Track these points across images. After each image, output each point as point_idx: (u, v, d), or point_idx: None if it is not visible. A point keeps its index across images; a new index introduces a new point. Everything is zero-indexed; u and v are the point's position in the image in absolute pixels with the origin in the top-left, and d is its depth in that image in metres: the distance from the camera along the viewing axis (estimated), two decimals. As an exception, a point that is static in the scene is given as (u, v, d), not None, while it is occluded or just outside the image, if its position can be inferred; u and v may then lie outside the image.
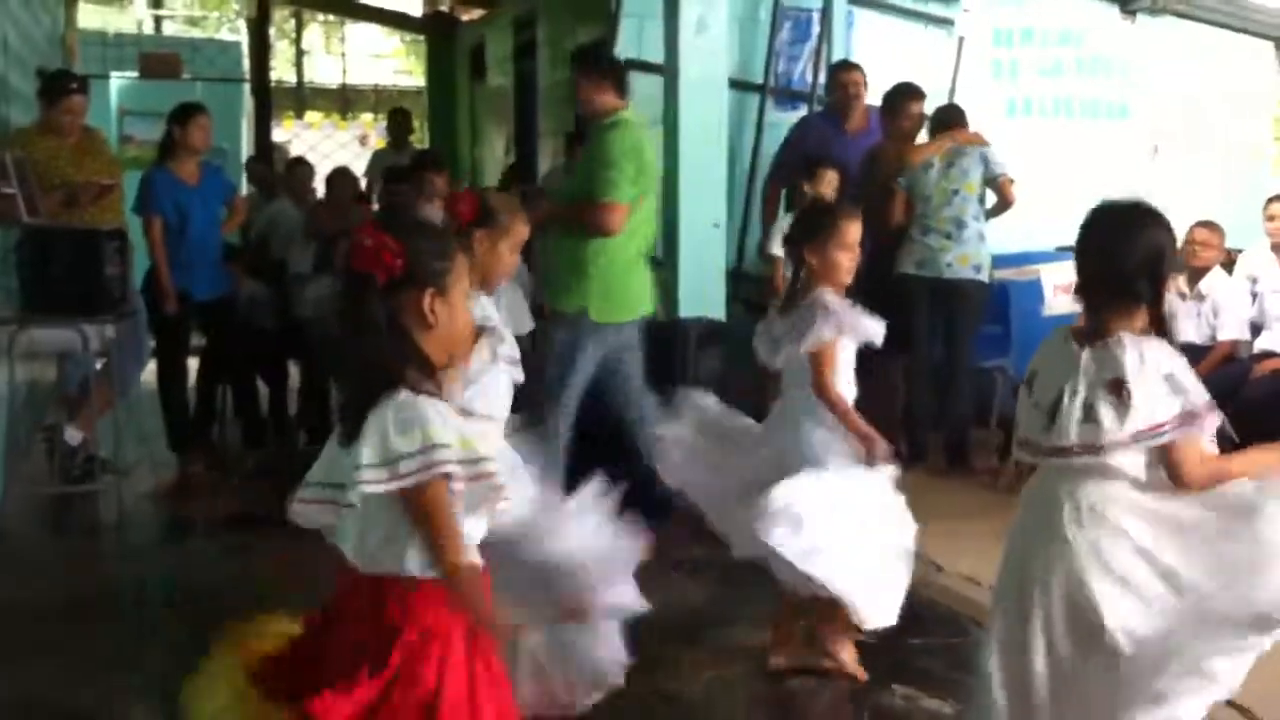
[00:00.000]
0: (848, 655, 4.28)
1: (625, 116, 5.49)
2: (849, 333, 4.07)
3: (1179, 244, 2.91)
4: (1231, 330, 6.39)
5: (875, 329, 4.10)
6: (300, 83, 18.33)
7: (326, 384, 6.94)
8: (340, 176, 8.51)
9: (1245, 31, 9.26)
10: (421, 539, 2.35)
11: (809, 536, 3.84)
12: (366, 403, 2.33)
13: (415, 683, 2.32)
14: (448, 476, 2.30)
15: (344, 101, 19.12)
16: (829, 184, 6.50)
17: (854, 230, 4.18)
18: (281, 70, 18.07)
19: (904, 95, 7.08)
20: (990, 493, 6.37)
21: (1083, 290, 2.88)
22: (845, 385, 4.11)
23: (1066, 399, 2.74)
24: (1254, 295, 6.68)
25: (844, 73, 7.40)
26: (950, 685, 4.21)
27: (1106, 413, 2.69)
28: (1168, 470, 2.73)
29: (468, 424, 2.44)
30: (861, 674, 4.27)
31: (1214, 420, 2.72)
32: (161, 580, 5.52)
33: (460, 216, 3.54)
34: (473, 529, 2.44)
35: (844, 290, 4.18)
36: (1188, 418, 2.69)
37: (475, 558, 2.44)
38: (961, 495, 6.26)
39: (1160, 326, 2.77)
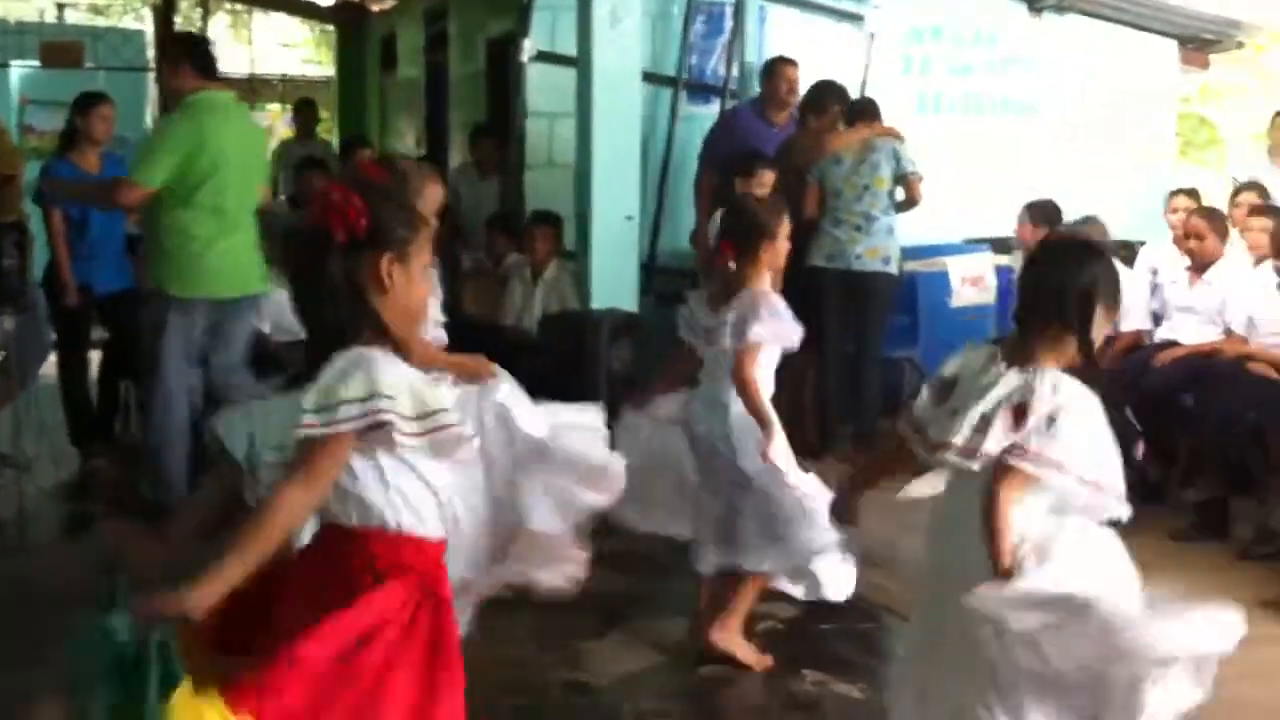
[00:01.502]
0: (740, 649, 4.30)
1: (200, 98, 5.57)
2: (780, 339, 4.14)
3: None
4: (1134, 321, 6.52)
5: (796, 332, 4.17)
6: (207, 72, 18.02)
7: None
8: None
9: (1148, 30, 9.45)
10: (285, 472, 2.28)
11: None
12: (320, 356, 2.30)
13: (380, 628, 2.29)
14: (384, 425, 2.26)
15: (251, 91, 18.83)
16: (765, 184, 6.49)
17: (787, 227, 4.28)
18: (188, 60, 17.75)
19: (828, 93, 7.16)
20: (898, 480, 6.44)
21: (1018, 316, 2.93)
22: (769, 382, 4.18)
23: (973, 407, 2.78)
24: (1155, 287, 6.81)
25: (785, 67, 7.44)
26: (861, 670, 4.27)
27: (997, 429, 2.73)
28: (986, 484, 2.76)
29: (419, 375, 2.40)
30: (762, 662, 4.30)
31: (1093, 495, 2.74)
32: (62, 576, 5.39)
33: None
34: (437, 476, 2.40)
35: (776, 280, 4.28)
36: (1041, 458, 2.71)
37: (435, 500, 2.39)
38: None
39: (1089, 358, 2.81)
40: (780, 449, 4.08)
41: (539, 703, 4.00)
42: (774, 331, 4.10)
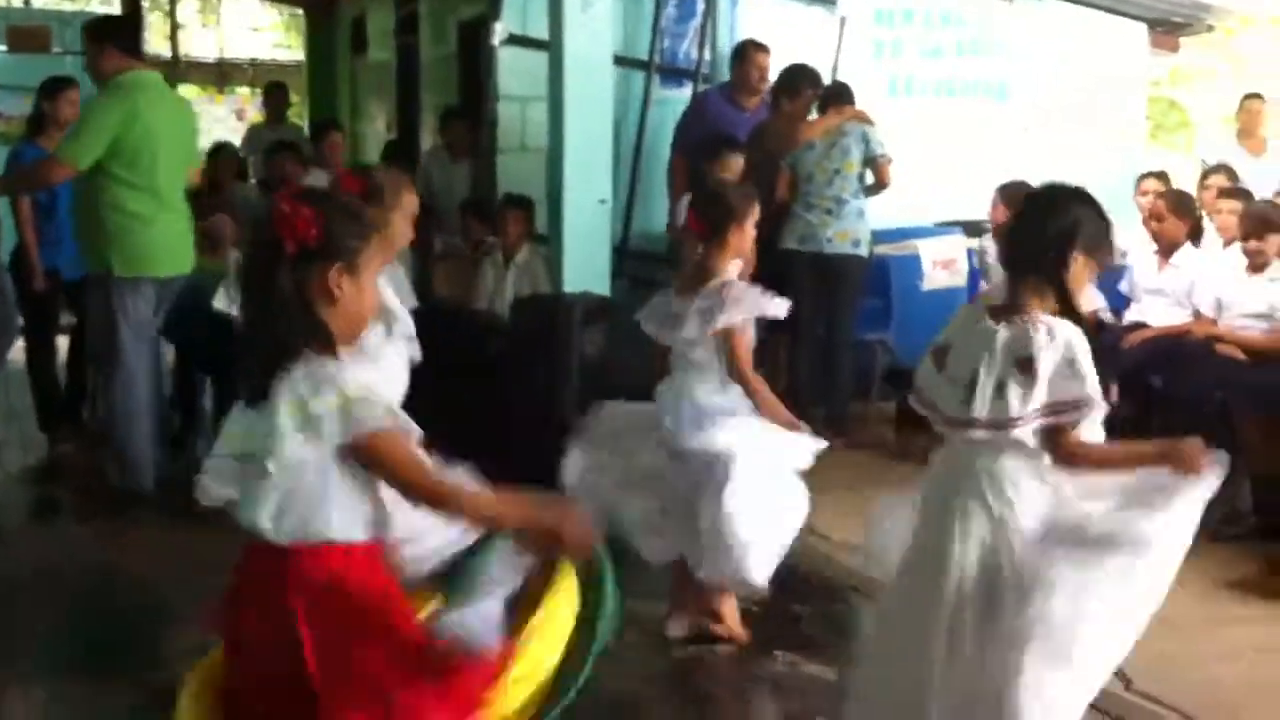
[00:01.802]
0: (729, 611, 4.32)
1: (129, 77, 5.66)
2: (752, 313, 4.14)
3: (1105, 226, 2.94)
4: (1088, 301, 6.55)
5: (779, 306, 4.16)
6: (175, 56, 17.87)
7: (201, 365, 6.78)
8: (219, 152, 8.34)
9: (1119, 13, 9.48)
10: (398, 491, 2.34)
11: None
12: (268, 370, 2.30)
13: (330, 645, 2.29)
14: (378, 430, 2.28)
15: (220, 75, 18.72)
16: (733, 168, 6.50)
17: (755, 212, 4.27)
18: (155, 43, 17.64)
19: (801, 78, 7.18)
20: (871, 462, 6.48)
21: (1006, 267, 2.96)
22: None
23: (983, 375, 2.80)
24: (1124, 269, 6.85)
25: (757, 53, 7.45)
26: (832, 651, 4.29)
27: (1014, 390, 2.75)
28: (1052, 450, 2.79)
29: (375, 375, 2.41)
30: (743, 635, 4.31)
31: (1101, 409, 2.79)
32: (31, 564, 5.36)
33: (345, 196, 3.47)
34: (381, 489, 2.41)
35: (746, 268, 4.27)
36: (1083, 404, 2.75)
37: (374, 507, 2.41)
38: (843, 465, 6.32)
39: (1065, 304, 2.82)
40: (740, 429, 4.08)
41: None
42: (746, 308, 4.09)
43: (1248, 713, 3.83)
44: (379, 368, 3.32)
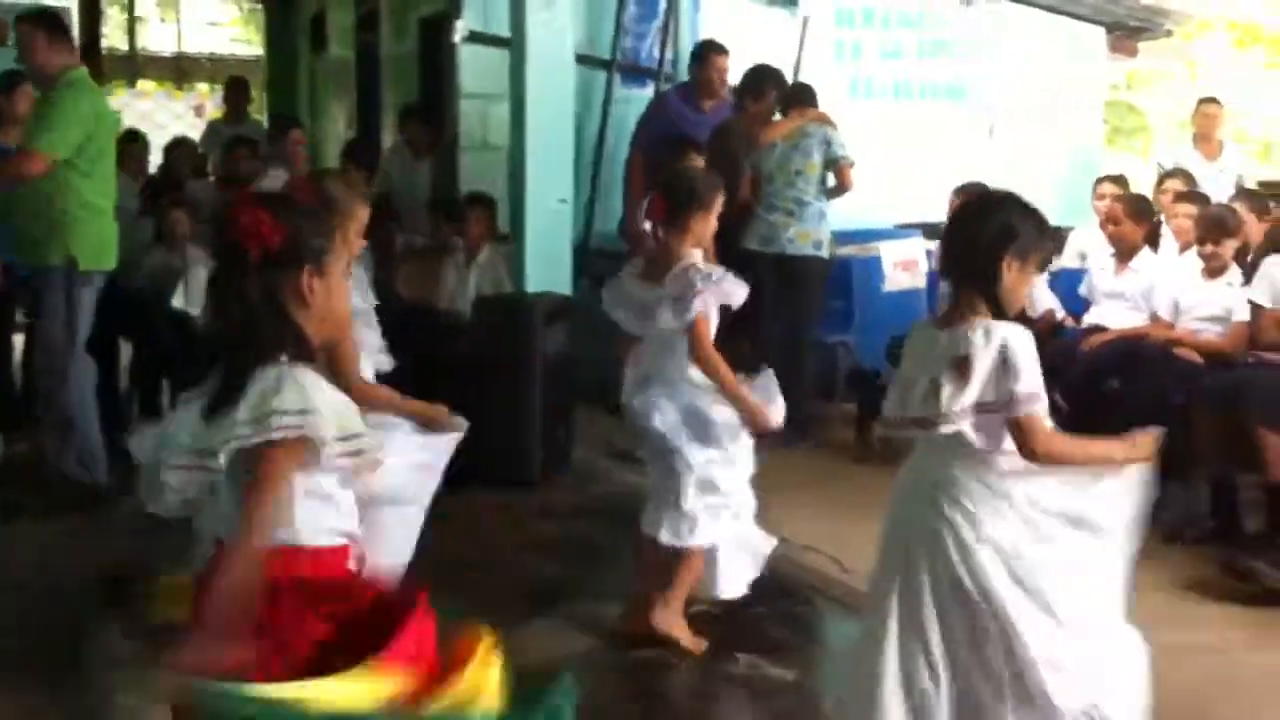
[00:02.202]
0: (681, 632, 4.33)
1: (82, 73, 5.73)
2: (725, 298, 4.15)
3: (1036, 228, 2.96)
4: (1041, 302, 6.62)
5: (740, 289, 4.18)
6: (133, 50, 17.71)
7: (159, 362, 6.72)
8: (177, 147, 8.26)
9: (1076, 17, 9.56)
10: (244, 490, 2.27)
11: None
12: (240, 377, 2.29)
13: (293, 641, 2.28)
14: (315, 441, 2.26)
15: (179, 71, 18.56)
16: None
17: (720, 202, 4.28)
18: (113, 38, 17.46)
19: (765, 79, 7.20)
20: (833, 464, 6.50)
21: (943, 275, 2.98)
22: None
23: (920, 376, 2.83)
24: (1083, 272, 6.91)
25: (717, 55, 7.44)
26: (793, 653, 4.29)
27: (946, 389, 2.76)
28: (1018, 444, 2.81)
29: (345, 398, 2.39)
30: (698, 646, 4.32)
31: (1043, 405, 2.81)
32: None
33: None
34: (345, 498, 2.42)
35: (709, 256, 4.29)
36: (1021, 400, 2.76)
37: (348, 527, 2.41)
38: (805, 467, 6.36)
39: (997, 307, 2.84)
40: (765, 424, 4.14)
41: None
42: (715, 295, 4.10)
43: (1205, 713, 3.86)
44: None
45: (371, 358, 3.71)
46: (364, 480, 2.44)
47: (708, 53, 7.52)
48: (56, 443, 5.74)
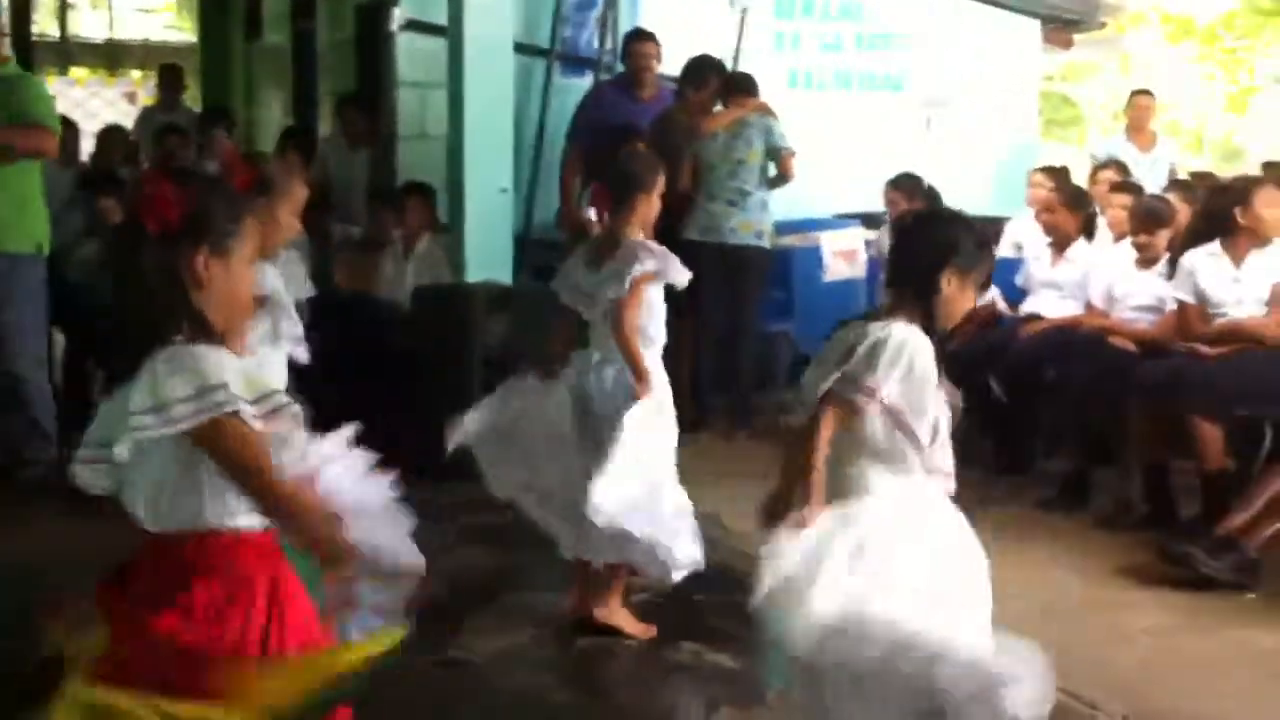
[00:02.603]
0: (624, 621, 4.34)
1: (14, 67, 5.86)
2: (665, 276, 4.16)
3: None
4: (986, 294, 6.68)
5: (683, 273, 4.19)
6: (64, 37, 17.42)
7: (91, 353, 6.62)
8: (110, 135, 8.13)
9: (1013, 9, 9.65)
10: (231, 482, 2.25)
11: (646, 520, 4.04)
12: (138, 355, 2.23)
13: (220, 627, 2.24)
14: (233, 414, 2.21)
15: (111, 57, 18.26)
16: None
17: (661, 183, 4.32)
18: (44, 23, 17.15)
19: (707, 68, 7.20)
20: (774, 453, 6.50)
21: (887, 282, 3.06)
22: (657, 328, 4.21)
23: (816, 365, 2.89)
24: (1019, 262, 6.97)
25: (637, 43, 7.43)
26: (736, 641, 4.29)
27: (855, 360, 2.84)
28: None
29: (249, 362, 2.35)
30: (647, 631, 4.33)
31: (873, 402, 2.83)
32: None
33: (237, 186, 3.40)
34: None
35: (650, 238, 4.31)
36: (865, 387, 2.80)
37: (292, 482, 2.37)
38: (746, 456, 6.37)
39: (929, 318, 2.90)
40: (652, 403, 4.10)
41: (412, 681, 3.95)
42: (655, 267, 4.11)
43: (1141, 695, 3.92)
44: (258, 362, 3.25)
45: (288, 348, 3.66)
46: (292, 438, 2.37)
47: (631, 42, 7.51)
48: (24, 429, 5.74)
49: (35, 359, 5.77)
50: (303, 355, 3.70)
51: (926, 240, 2.98)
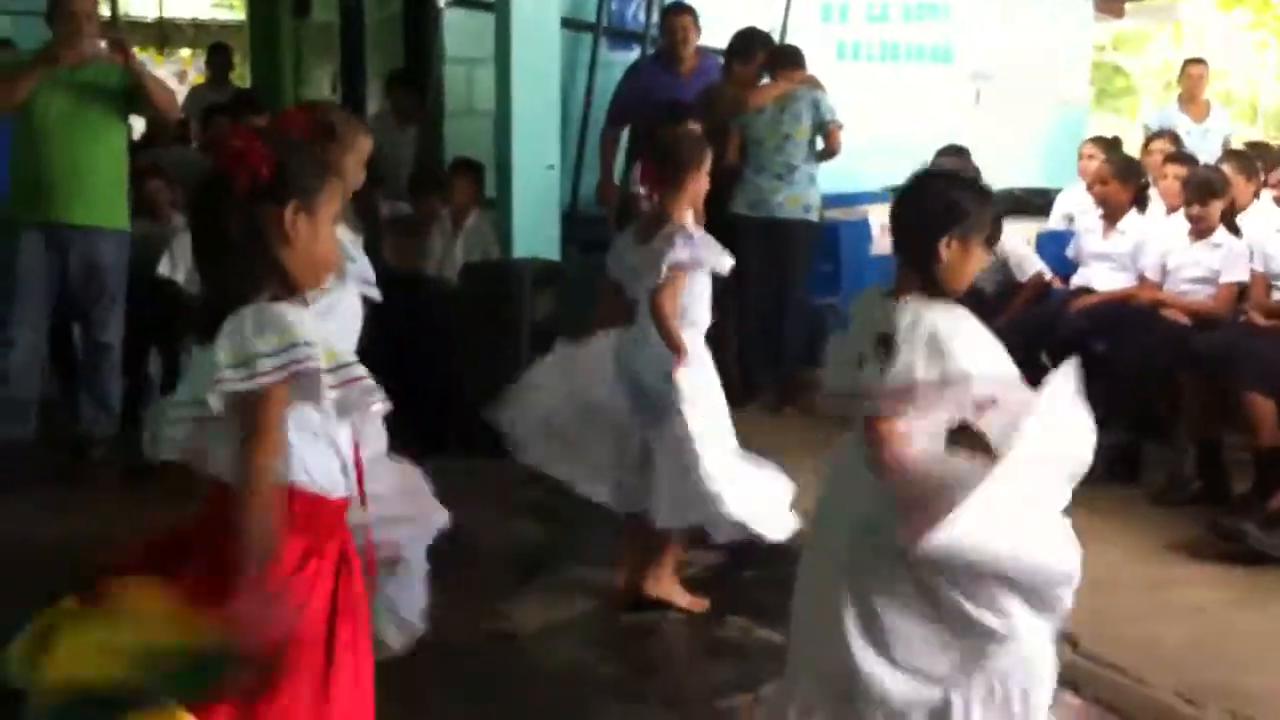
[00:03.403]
0: (675, 594, 4.36)
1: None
2: (704, 264, 4.15)
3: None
4: (1030, 266, 6.62)
5: (725, 260, 4.20)
6: (115, 16, 17.54)
7: (145, 331, 6.68)
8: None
9: (1063, -22, 9.54)
10: (240, 442, 2.23)
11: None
12: (221, 310, 2.24)
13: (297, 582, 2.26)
14: (310, 374, 2.22)
15: (161, 36, 18.38)
16: None
17: (709, 160, 4.31)
18: (94, 3, 17.27)
19: (754, 41, 7.16)
20: (819, 427, 6.49)
21: (894, 252, 2.94)
22: (700, 310, 4.22)
23: (848, 348, 2.82)
24: (1070, 234, 6.91)
25: (674, 17, 7.38)
26: (783, 615, 4.29)
27: (869, 365, 2.74)
28: (866, 432, 2.77)
29: (327, 329, 2.37)
30: (698, 604, 4.34)
31: (965, 391, 2.72)
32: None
33: (296, 132, 3.28)
34: (343, 435, 2.38)
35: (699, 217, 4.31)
36: (962, 378, 2.72)
37: (338, 459, 2.37)
38: (794, 432, 6.37)
39: (934, 285, 2.80)
40: (692, 376, 4.13)
41: (462, 654, 4.00)
42: (692, 256, 4.11)
43: (1192, 671, 3.89)
44: (333, 316, 3.28)
45: (360, 286, 3.65)
46: (366, 414, 2.39)
47: (667, 16, 7.46)
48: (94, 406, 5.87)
49: (118, 334, 5.88)
50: (374, 293, 3.69)
51: (921, 208, 2.85)
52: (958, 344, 2.70)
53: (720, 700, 3.81)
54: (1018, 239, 6.74)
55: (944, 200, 2.84)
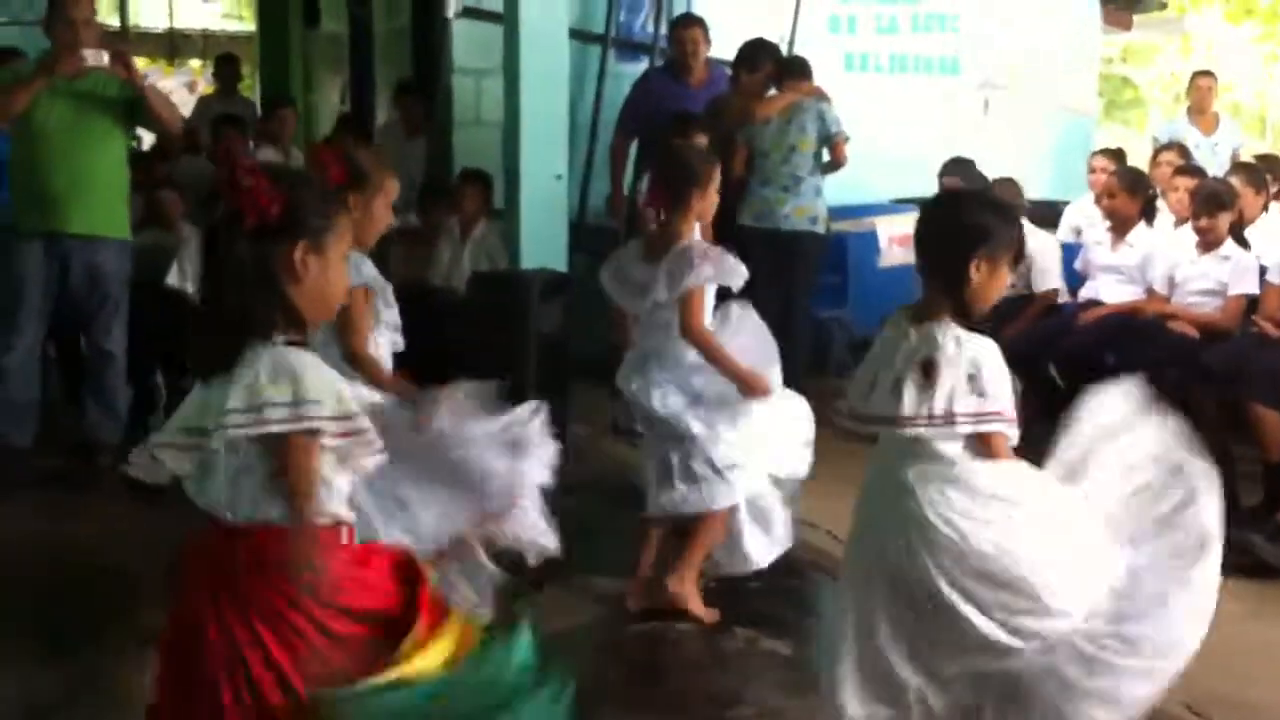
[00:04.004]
0: (693, 600, 4.35)
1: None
2: (722, 279, 4.17)
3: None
4: (1049, 280, 6.60)
5: (739, 271, 4.20)
6: (124, 26, 17.62)
7: (153, 341, 6.69)
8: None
9: (1072, -10, 9.54)
10: (282, 487, 2.28)
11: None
12: (230, 347, 2.27)
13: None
14: (315, 432, 2.26)
15: (171, 47, 18.46)
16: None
17: (717, 177, 4.31)
18: (104, 13, 17.35)
19: (761, 52, 7.16)
20: (827, 440, 6.48)
21: (918, 272, 2.96)
22: (709, 324, 4.23)
23: (883, 372, 2.82)
24: (1078, 247, 6.90)
25: (683, 29, 7.40)
26: (789, 627, 4.31)
27: (909, 390, 2.75)
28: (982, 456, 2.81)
29: (340, 378, 2.38)
30: (711, 617, 4.34)
31: (1007, 424, 2.81)
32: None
33: (330, 179, 3.35)
34: (341, 482, 2.39)
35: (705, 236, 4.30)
36: (985, 418, 2.76)
37: (340, 512, 2.40)
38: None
39: (962, 308, 2.82)
40: (763, 389, 4.19)
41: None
42: (709, 273, 4.11)
43: (1201, 683, 3.82)
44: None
45: (390, 335, 3.72)
46: (360, 465, 2.42)
47: (676, 28, 7.48)
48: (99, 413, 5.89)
49: (122, 340, 5.89)
50: (399, 343, 3.75)
51: (950, 228, 2.87)
52: (998, 375, 2.77)
53: (723, 711, 3.80)
54: (1051, 246, 6.70)
55: (973, 220, 2.85)
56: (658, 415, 4.20)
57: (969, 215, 2.88)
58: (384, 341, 3.64)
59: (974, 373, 2.74)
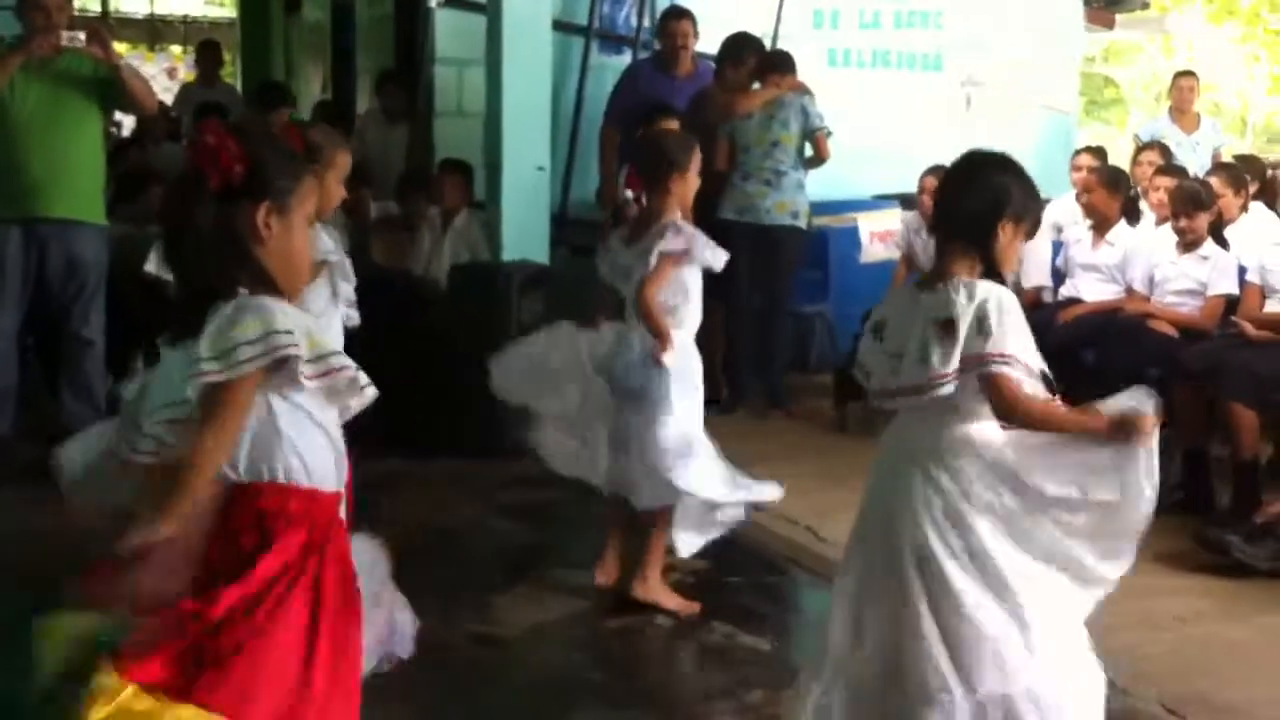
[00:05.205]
0: (664, 597, 4.34)
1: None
2: (696, 258, 4.17)
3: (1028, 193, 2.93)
4: (1034, 278, 6.61)
5: (719, 256, 4.21)
6: (105, 12, 17.52)
7: (131, 328, 6.65)
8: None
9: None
10: (198, 425, 2.21)
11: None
12: (197, 310, 2.23)
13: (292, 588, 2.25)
14: (289, 360, 2.21)
15: (152, 32, 18.36)
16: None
17: (697, 161, 4.32)
18: (85, -1, 17.24)
19: (745, 46, 7.15)
20: (808, 434, 6.50)
21: (933, 234, 2.96)
22: (690, 310, 4.24)
23: (909, 343, 2.81)
24: (1059, 244, 6.91)
25: (674, 21, 7.39)
26: (768, 622, 4.31)
27: (935, 351, 2.74)
28: (993, 404, 2.78)
29: (313, 320, 2.36)
30: (688, 609, 4.33)
31: (1027, 368, 2.78)
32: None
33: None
34: (331, 421, 2.36)
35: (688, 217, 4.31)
36: (998, 356, 2.74)
37: (332, 450, 2.35)
38: (781, 437, 6.38)
39: (992, 270, 2.81)
40: (675, 363, 4.16)
41: (442, 654, 3.98)
42: (680, 245, 4.12)
43: (1175, 681, 3.89)
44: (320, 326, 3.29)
45: (343, 309, 3.70)
46: (348, 405, 2.37)
47: (666, 20, 7.48)
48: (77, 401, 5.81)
49: (100, 327, 5.84)
50: (354, 318, 3.73)
51: (980, 189, 2.86)
52: (1008, 320, 2.73)
53: (703, 705, 3.79)
54: (1043, 244, 6.71)
55: (1005, 181, 2.87)
56: (629, 389, 4.21)
57: (1000, 175, 2.89)
58: (337, 320, 3.61)
59: (982, 315, 2.73)
